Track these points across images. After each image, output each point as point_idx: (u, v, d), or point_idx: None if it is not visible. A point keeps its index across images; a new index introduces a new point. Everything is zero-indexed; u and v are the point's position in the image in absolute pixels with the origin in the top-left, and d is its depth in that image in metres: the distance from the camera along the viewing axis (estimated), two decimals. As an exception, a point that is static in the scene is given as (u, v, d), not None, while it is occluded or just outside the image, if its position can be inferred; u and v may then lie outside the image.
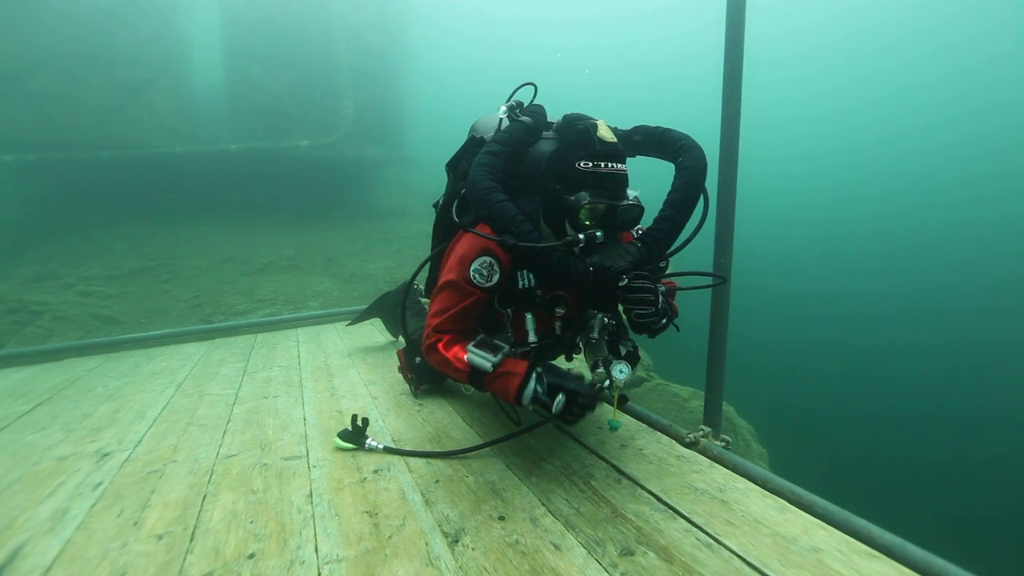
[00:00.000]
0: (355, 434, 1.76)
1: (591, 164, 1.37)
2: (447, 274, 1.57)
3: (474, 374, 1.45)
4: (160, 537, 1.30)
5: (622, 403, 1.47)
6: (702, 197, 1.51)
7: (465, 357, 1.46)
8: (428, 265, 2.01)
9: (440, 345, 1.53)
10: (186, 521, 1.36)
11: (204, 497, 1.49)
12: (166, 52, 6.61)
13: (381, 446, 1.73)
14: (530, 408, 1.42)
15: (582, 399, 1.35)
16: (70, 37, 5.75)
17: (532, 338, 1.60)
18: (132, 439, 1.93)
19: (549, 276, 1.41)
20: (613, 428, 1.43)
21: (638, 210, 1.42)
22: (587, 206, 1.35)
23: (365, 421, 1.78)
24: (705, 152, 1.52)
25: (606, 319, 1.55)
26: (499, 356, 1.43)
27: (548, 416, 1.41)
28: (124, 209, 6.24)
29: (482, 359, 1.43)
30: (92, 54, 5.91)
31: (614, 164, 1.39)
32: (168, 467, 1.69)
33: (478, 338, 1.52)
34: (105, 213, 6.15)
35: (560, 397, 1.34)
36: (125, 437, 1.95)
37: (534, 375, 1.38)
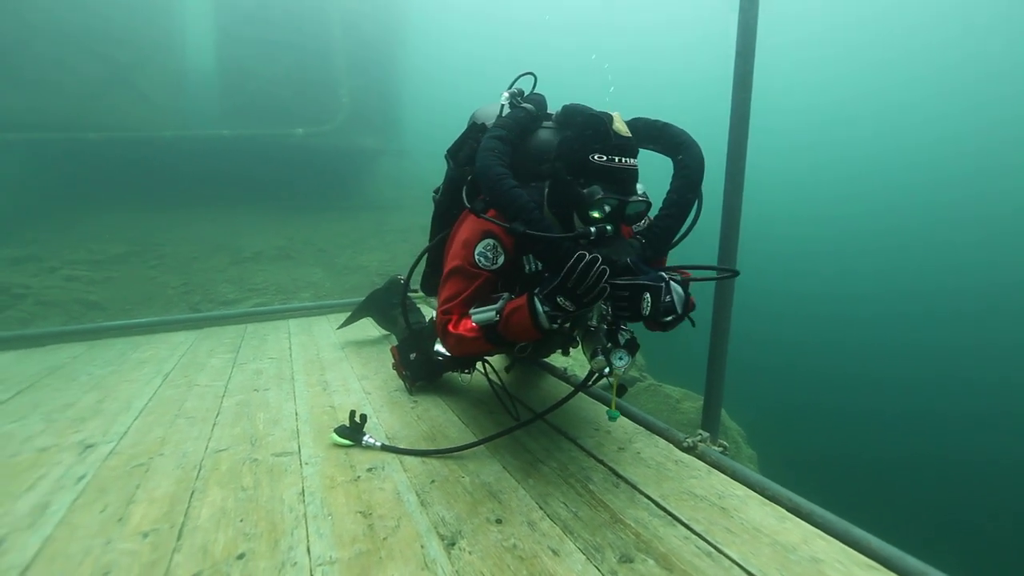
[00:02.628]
0: (353, 430, 1.72)
1: (605, 158, 1.36)
2: (452, 261, 1.57)
3: (489, 333, 1.43)
4: (146, 535, 1.26)
5: (621, 392, 1.46)
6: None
7: (472, 323, 1.45)
8: (424, 259, 1.99)
9: (450, 327, 1.53)
10: (173, 518, 1.32)
11: (192, 493, 1.44)
12: (156, 33, 6.42)
13: (379, 443, 1.69)
14: (554, 326, 1.34)
15: (578, 277, 1.21)
16: (55, 14, 5.57)
17: None
18: (117, 431, 1.87)
19: (555, 266, 1.39)
20: (612, 418, 1.43)
21: (645, 206, 1.43)
22: (599, 200, 1.34)
23: (363, 417, 1.75)
24: (703, 150, 1.53)
25: (604, 308, 1.54)
26: (500, 303, 1.43)
27: (570, 313, 1.29)
28: (111, 193, 6.08)
29: (486, 313, 1.42)
30: (78, 33, 5.73)
31: (627, 159, 1.38)
32: (155, 461, 1.64)
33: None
34: (91, 196, 5.99)
35: (560, 299, 1.26)
36: (110, 428, 1.89)
37: (534, 299, 1.33)
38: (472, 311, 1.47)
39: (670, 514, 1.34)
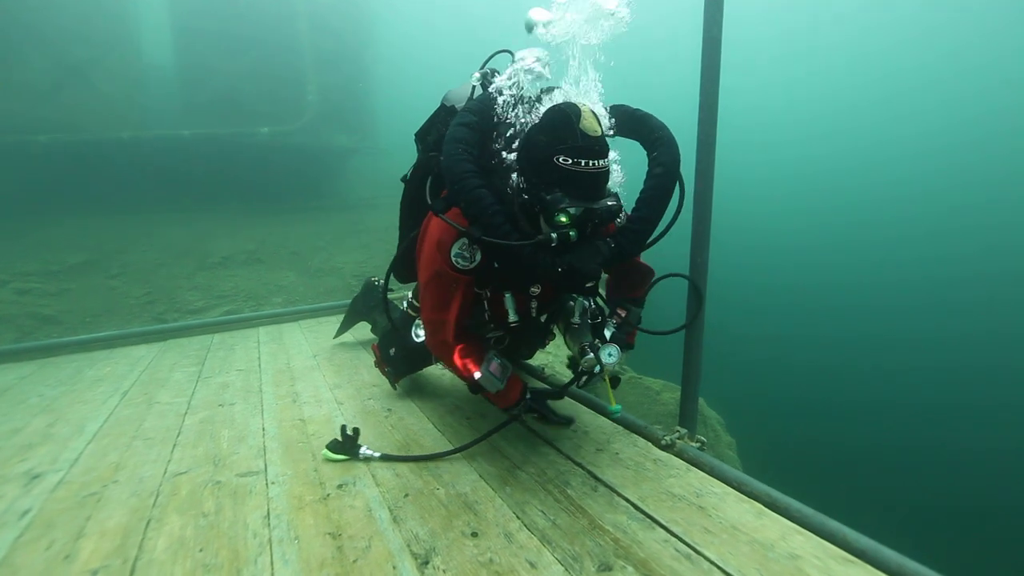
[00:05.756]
0: (347, 444, 1.65)
1: (571, 161, 1.24)
2: (429, 265, 1.51)
3: (478, 386, 1.51)
4: (95, 572, 1.17)
5: (615, 384, 1.45)
6: (678, 188, 1.49)
7: (476, 375, 1.48)
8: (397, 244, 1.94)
9: (456, 356, 1.52)
10: (126, 552, 1.24)
11: (148, 523, 1.35)
12: (110, 28, 6.09)
13: (378, 454, 1.63)
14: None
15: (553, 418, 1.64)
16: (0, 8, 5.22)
17: (513, 317, 1.56)
18: (68, 457, 1.75)
19: (516, 272, 1.35)
20: (613, 412, 1.46)
21: (615, 210, 1.35)
22: (564, 208, 1.27)
23: (356, 430, 1.67)
24: (679, 146, 1.48)
25: (587, 303, 1.51)
26: (504, 382, 1.51)
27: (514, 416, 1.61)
28: (65, 199, 5.74)
29: (495, 383, 1.49)
30: (25, 25, 5.38)
31: (596, 162, 1.26)
32: (108, 489, 1.54)
33: (490, 357, 1.52)
34: (44, 203, 5.64)
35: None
36: (60, 455, 1.77)
37: (527, 398, 1.60)
38: (484, 367, 1.49)
39: (649, 516, 1.32)
